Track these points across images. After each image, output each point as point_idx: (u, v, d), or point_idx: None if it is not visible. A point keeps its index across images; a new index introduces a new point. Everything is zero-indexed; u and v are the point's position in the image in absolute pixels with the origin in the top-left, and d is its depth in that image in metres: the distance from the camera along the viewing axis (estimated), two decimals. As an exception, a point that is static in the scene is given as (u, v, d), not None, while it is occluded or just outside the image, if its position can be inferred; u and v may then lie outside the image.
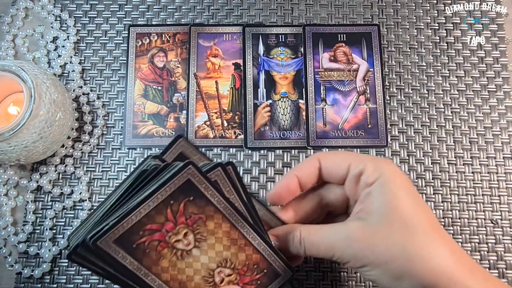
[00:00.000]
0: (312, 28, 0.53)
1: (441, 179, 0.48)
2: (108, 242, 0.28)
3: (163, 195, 0.29)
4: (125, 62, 0.52)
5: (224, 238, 0.32)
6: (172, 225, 0.30)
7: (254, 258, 0.33)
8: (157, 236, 0.30)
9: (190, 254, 0.31)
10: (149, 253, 0.30)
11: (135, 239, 0.29)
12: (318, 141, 0.49)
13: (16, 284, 0.46)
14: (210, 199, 0.31)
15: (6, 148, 0.41)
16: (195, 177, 0.30)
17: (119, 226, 0.28)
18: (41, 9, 0.53)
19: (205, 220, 0.31)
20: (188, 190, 0.30)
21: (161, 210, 0.29)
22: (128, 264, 0.29)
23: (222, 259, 0.32)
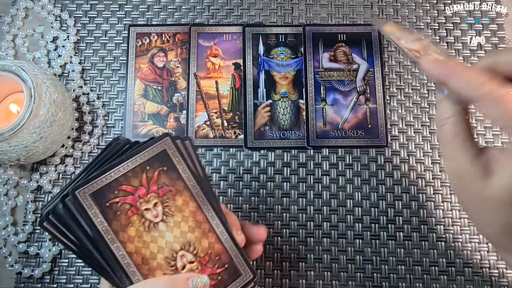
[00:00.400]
0: (312, 28, 0.53)
1: (441, 179, 0.48)
2: (86, 194, 0.30)
3: (141, 159, 0.31)
4: (125, 62, 0.52)
5: (190, 218, 0.33)
6: (145, 191, 0.31)
7: (217, 248, 0.33)
8: (130, 199, 0.31)
9: (156, 227, 0.32)
10: (119, 216, 0.31)
11: (110, 197, 0.30)
12: (318, 141, 0.49)
13: (16, 284, 0.46)
14: (181, 173, 0.32)
15: (6, 148, 0.41)
16: (170, 149, 0.32)
17: (98, 180, 0.30)
18: (41, 9, 0.53)
19: (174, 194, 0.32)
20: (164, 160, 0.32)
21: (137, 173, 0.31)
22: (98, 223, 0.30)
23: (186, 241, 0.32)
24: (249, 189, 0.48)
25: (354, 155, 0.49)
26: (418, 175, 0.49)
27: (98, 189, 0.30)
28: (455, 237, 0.47)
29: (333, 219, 0.47)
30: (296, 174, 0.49)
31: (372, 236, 0.47)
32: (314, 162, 0.49)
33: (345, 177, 0.49)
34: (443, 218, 0.47)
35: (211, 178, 0.49)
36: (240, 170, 0.49)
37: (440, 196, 0.48)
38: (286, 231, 0.47)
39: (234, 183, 0.49)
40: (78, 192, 0.30)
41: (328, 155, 0.49)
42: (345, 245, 0.47)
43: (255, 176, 0.49)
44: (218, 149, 0.50)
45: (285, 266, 0.46)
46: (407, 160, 0.49)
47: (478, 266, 0.46)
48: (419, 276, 0.46)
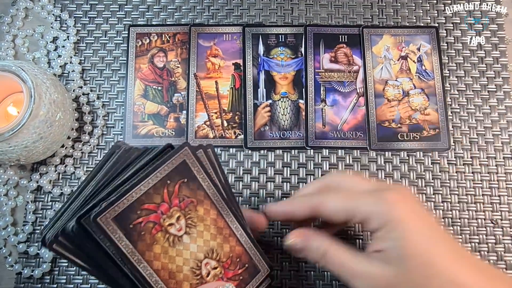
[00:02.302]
0: (313, 28, 0.53)
1: (441, 179, 0.48)
2: (108, 219, 0.28)
3: (162, 173, 0.30)
4: (125, 62, 0.52)
5: (212, 226, 0.32)
6: (167, 207, 0.30)
7: (237, 251, 0.34)
8: (153, 217, 0.30)
9: (181, 241, 0.31)
10: (144, 236, 0.29)
11: (133, 219, 0.29)
12: (317, 142, 0.49)
13: (16, 284, 0.46)
14: (201, 183, 0.32)
15: (6, 148, 0.41)
16: (189, 159, 0.31)
17: (119, 202, 0.28)
18: (41, 9, 0.53)
19: (196, 205, 0.31)
20: (183, 171, 0.31)
21: (158, 189, 0.30)
22: (123, 247, 0.29)
23: (209, 249, 0.32)
24: (249, 189, 0.48)
25: (354, 155, 0.49)
26: (418, 175, 0.49)
27: (120, 212, 0.28)
28: (455, 237, 0.47)
29: (333, 219, 0.47)
30: (296, 175, 0.49)
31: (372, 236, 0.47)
32: (314, 163, 0.49)
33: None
34: (443, 218, 0.47)
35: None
36: (240, 170, 0.49)
37: (440, 196, 0.48)
38: (286, 231, 0.47)
39: (234, 184, 0.49)
40: (100, 218, 0.28)
41: (328, 155, 0.49)
42: (345, 245, 0.47)
43: (255, 176, 0.49)
44: (218, 149, 0.50)
45: (285, 266, 0.46)
46: (407, 160, 0.49)
47: (478, 266, 0.46)
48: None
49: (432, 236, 0.30)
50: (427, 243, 0.30)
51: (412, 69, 0.52)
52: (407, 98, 0.51)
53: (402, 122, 0.50)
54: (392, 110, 0.50)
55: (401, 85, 0.51)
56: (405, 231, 0.30)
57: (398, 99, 0.51)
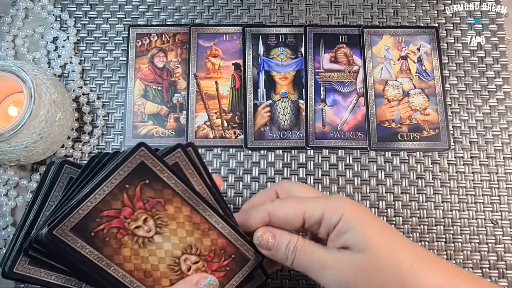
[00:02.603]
0: (313, 28, 0.53)
1: (441, 179, 0.48)
2: (65, 230, 0.27)
3: (117, 179, 0.28)
4: (125, 62, 0.52)
5: (186, 223, 0.31)
6: (130, 211, 0.29)
7: (220, 243, 0.32)
8: (116, 222, 0.29)
9: (152, 241, 0.30)
10: (109, 242, 0.29)
11: (93, 227, 0.28)
12: (317, 142, 0.49)
13: (16, 284, 0.46)
14: (167, 181, 0.30)
15: (6, 149, 0.41)
16: (148, 159, 0.29)
17: (74, 213, 0.27)
18: (41, 10, 0.53)
19: (164, 204, 0.30)
20: (143, 173, 0.29)
21: (116, 195, 0.29)
22: (88, 254, 0.28)
23: (186, 246, 0.31)
24: (249, 189, 0.48)
25: (354, 155, 0.49)
26: (418, 176, 0.49)
27: (78, 222, 0.28)
28: (455, 237, 0.47)
29: (333, 219, 0.47)
30: (296, 175, 0.49)
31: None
32: (314, 163, 0.49)
33: (345, 177, 0.49)
34: (443, 218, 0.47)
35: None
36: (240, 170, 0.49)
37: (440, 196, 0.48)
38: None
39: (234, 184, 0.49)
40: (56, 231, 0.27)
41: (328, 155, 0.49)
42: (345, 245, 0.47)
43: (255, 176, 0.49)
44: (218, 149, 0.50)
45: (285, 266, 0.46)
46: (407, 161, 0.49)
47: (478, 266, 0.46)
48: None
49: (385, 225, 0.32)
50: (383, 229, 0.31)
51: (412, 69, 0.52)
52: (407, 98, 0.51)
53: (402, 122, 0.50)
54: (392, 110, 0.50)
55: (401, 85, 0.51)
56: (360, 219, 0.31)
57: (398, 99, 0.51)
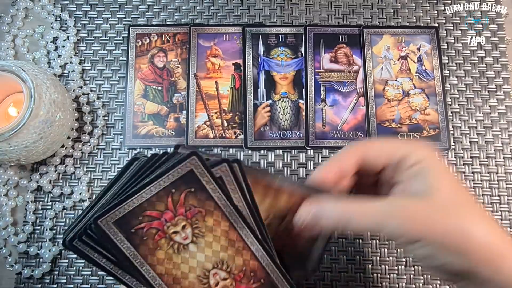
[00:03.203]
0: (313, 28, 0.53)
1: (441, 179, 0.48)
2: (109, 222, 0.29)
3: (165, 182, 0.30)
4: (125, 62, 0.52)
5: (222, 238, 0.31)
6: (172, 215, 0.30)
7: (252, 265, 0.32)
8: (156, 224, 0.30)
9: (186, 249, 0.31)
10: (146, 241, 0.30)
11: (134, 224, 0.29)
12: (317, 142, 0.49)
13: (16, 284, 0.46)
14: (211, 193, 0.31)
15: (6, 148, 0.41)
16: (198, 169, 0.30)
17: (120, 208, 0.29)
18: (41, 9, 0.53)
19: (204, 215, 0.31)
20: (190, 181, 0.30)
21: (162, 197, 0.30)
22: (125, 249, 0.29)
23: (218, 260, 0.32)
24: (249, 189, 0.48)
25: (354, 155, 0.49)
26: (418, 175, 0.49)
27: (121, 217, 0.29)
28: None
29: (333, 219, 0.47)
30: (296, 175, 0.49)
31: (372, 235, 0.47)
32: (314, 163, 0.49)
33: (345, 177, 0.49)
34: (443, 218, 0.47)
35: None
36: (240, 170, 0.49)
37: (440, 196, 0.48)
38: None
39: (234, 183, 0.49)
40: (101, 221, 0.29)
41: (328, 155, 0.49)
42: (345, 245, 0.47)
43: (255, 176, 0.49)
44: (218, 149, 0.50)
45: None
46: (407, 160, 0.49)
47: (478, 266, 0.46)
48: (419, 276, 0.46)
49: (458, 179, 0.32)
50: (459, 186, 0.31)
51: (412, 69, 0.52)
52: (407, 98, 0.51)
53: (402, 122, 0.50)
54: (392, 110, 0.50)
55: (401, 85, 0.51)
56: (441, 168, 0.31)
57: (398, 99, 0.51)
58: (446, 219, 0.30)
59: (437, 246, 0.30)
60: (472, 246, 0.29)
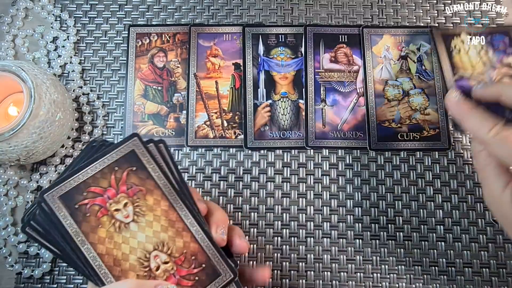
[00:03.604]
0: (313, 28, 0.53)
1: (441, 179, 0.48)
2: (54, 196, 0.30)
3: (109, 160, 0.31)
4: (125, 62, 0.52)
5: (162, 218, 0.32)
6: (114, 192, 0.31)
7: (192, 248, 0.32)
8: (99, 200, 0.31)
9: (127, 228, 0.31)
10: (89, 218, 0.31)
11: (78, 199, 0.31)
12: (317, 142, 0.49)
13: (16, 284, 0.46)
14: (151, 172, 0.32)
15: (6, 148, 0.41)
16: (139, 149, 0.32)
17: (66, 183, 0.30)
18: (41, 9, 0.53)
19: (145, 193, 0.32)
20: (132, 160, 0.32)
21: (105, 174, 0.31)
22: (68, 225, 0.30)
23: (159, 241, 0.32)
24: (249, 189, 0.48)
25: (354, 155, 0.49)
26: (418, 175, 0.49)
27: (66, 192, 0.30)
28: (455, 238, 0.47)
29: (333, 219, 0.47)
30: (296, 175, 0.49)
31: (372, 236, 0.47)
32: (314, 163, 0.49)
33: (345, 177, 0.49)
34: (443, 218, 0.47)
35: (210, 179, 0.49)
36: (240, 170, 0.49)
37: (440, 196, 0.48)
38: (286, 231, 0.47)
39: (234, 184, 0.49)
40: (47, 195, 0.30)
41: (328, 155, 0.49)
42: (345, 245, 0.47)
43: (255, 176, 0.49)
44: (218, 149, 0.50)
45: (285, 266, 0.46)
46: (407, 160, 0.49)
47: (479, 266, 0.46)
48: (419, 276, 0.46)
49: None
50: None
51: (412, 69, 0.52)
52: (407, 98, 0.51)
53: (402, 122, 0.50)
54: (392, 110, 0.50)
55: (401, 85, 0.51)
56: None
57: (398, 99, 0.51)
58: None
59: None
60: None
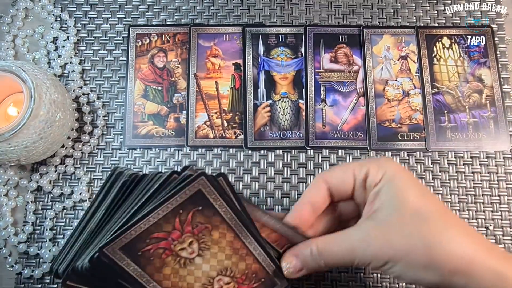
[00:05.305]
0: (313, 28, 0.53)
1: (441, 179, 0.48)
2: (115, 249, 0.29)
3: (173, 204, 0.30)
4: (125, 62, 0.52)
5: (227, 248, 0.32)
6: (179, 234, 0.30)
7: (254, 268, 0.33)
8: (163, 244, 0.30)
9: (192, 262, 0.31)
10: (153, 261, 0.30)
11: (141, 247, 0.29)
12: (317, 142, 0.49)
13: (16, 284, 0.46)
14: (218, 209, 0.31)
15: (6, 149, 0.41)
16: (205, 188, 0.30)
17: (127, 234, 0.29)
18: (41, 10, 0.53)
19: (210, 230, 0.31)
20: (198, 200, 0.30)
21: (169, 219, 0.30)
22: (131, 271, 0.29)
23: (223, 268, 0.32)
24: (249, 189, 0.48)
25: (354, 155, 0.49)
26: (418, 175, 0.49)
27: (127, 243, 0.29)
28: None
29: (333, 219, 0.47)
30: (296, 175, 0.49)
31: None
32: (314, 163, 0.49)
33: (345, 177, 0.49)
34: (443, 218, 0.47)
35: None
36: (240, 170, 0.49)
37: (440, 197, 0.48)
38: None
39: (234, 184, 0.49)
40: (107, 249, 0.28)
41: (328, 155, 0.49)
42: (345, 245, 0.47)
43: (255, 176, 0.49)
44: (218, 149, 0.50)
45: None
46: (407, 160, 0.49)
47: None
48: (419, 276, 0.46)
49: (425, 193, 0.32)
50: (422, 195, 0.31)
51: (412, 69, 0.52)
52: (407, 98, 0.51)
53: (402, 122, 0.50)
54: (392, 110, 0.50)
55: (401, 85, 0.51)
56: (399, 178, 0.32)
57: (398, 99, 0.51)
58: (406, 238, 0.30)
59: (403, 264, 0.30)
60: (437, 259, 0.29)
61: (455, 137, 0.49)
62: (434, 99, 0.50)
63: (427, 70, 0.51)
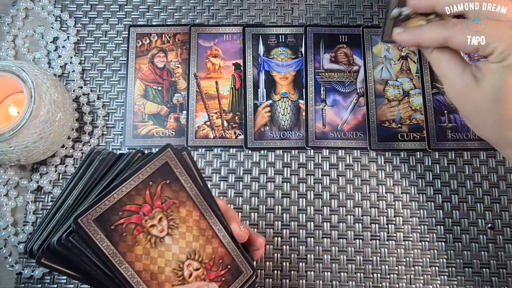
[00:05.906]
0: (313, 28, 0.53)
1: (441, 179, 0.48)
2: (89, 220, 0.29)
3: (144, 175, 0.30)
4: (125, 62, 0.52)
5: (194, 227, 0.32)
6: (149, 208, 0.31)
7: (220, 252, 0.34)
8: (135, 218, 0.30)
9: (163, 242, 0.31)
10: (125, 237, 0.30)
11: (114, 220, 0.30)
12: (317, 142, 0.49)
13: (17, 284, 0.46)
14: (184, 184, 0.32)
15: (6, 149, 0.41)
16: (172, 161, 0.31)
17: (101, 203, 0.29)
18: (41, 10, 0.53)
19: (178, 206, 0.32)
20: (166, 173, 0.31)
21: (140, 190, 0.30)
22: (104, 248, 0.29)
23: (191, 250, 0.32)
24: (249, 189, 0.48)
25: (354, 155, 0.49)
26: (418, 176, 0.49)
27: (101, 213, 0.29)
28: (455, 239, 0.47)
29: (333, 219, 0.47)
30: (296, 175, 0.49)
31: (372, 236, 0.47)
32: (314, 163, 0.49)
33: (345, 177, 0.49)
34: (443, 218, 0.47)
35: (210, 179, 0.49)
36: (240, 170, 0.49)
37: (441, 197, 0.48)
38: (286, 232, 0.47)
39: (234, 184, 0.49)
40: (81, 219, 0.28)
41: (329, 155, 0.49)
42: (345, 245, 0.47)
43: (255, 176, 0.49)
44: (218, 149, 0.50)
45: (285, 266, 0.46)
46: (407, 160, 0.49)
47: (479, 266, 0.46)
48: (419, 276, 0.46)
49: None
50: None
51: (413, 69, 0.52)
52: (407, 98, 0.51)
53: (402, 122, 0.50)
54: (392, 110, 0.50)
55: (401, 85, 0.51)
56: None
57: (398, 99, 0.51)
58: None
59: None
60: None
61: (455, 137, 0.49)
62: (434, 99, 0.50)
63: (427, 70, 0.51)
